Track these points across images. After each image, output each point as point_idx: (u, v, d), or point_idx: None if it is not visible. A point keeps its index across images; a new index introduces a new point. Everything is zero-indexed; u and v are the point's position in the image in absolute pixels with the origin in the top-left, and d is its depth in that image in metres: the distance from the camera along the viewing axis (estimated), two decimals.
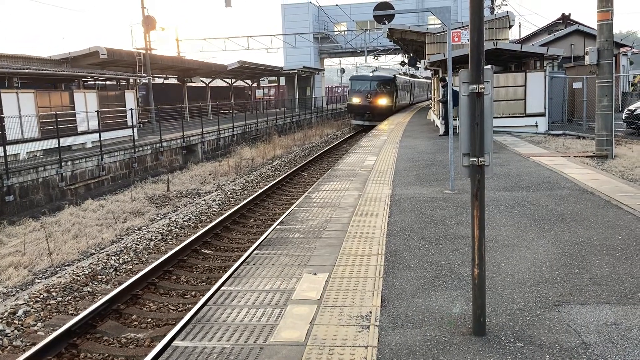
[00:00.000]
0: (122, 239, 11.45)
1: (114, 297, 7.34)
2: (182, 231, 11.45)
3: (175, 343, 4.00)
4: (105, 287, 8.27)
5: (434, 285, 5.04)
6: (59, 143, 15.99)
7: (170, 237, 10.98)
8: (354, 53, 55.55)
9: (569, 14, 33.40)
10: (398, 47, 41.93)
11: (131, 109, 22.99)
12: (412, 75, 56.34)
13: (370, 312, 4.42)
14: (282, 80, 55.07)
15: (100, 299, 7.43)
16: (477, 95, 3.78)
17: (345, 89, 56.32)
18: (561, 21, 33.24)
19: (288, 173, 18.09)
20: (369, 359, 3.64)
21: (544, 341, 3.86)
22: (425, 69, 30.95)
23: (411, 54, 41.52)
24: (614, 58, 14.17)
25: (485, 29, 20.54)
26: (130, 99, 24.23)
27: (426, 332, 4.07)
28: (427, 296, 4.79)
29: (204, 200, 14.91)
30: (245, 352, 3.80)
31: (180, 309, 7.46)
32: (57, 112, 17.17)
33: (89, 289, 8.12)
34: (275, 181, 16.29)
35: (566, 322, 4.17)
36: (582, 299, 4.62)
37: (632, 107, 21.26)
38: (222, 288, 5.11)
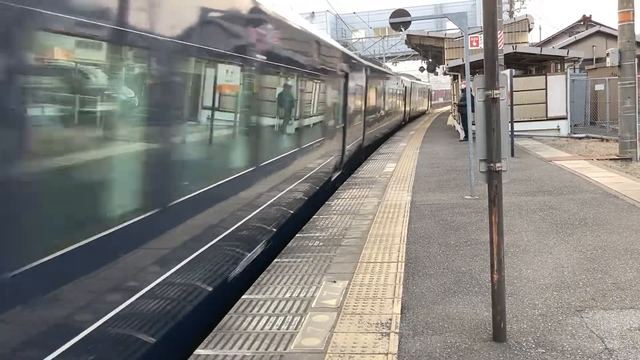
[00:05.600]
0: None
1: None
2: None
3: (197, 351, 4.05)
4: None
5: (454, 292, 5.03)
6: None
7: None
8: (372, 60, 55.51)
9: (590, 15, 33.11)
10: (417, 52, 41.92)
11: None
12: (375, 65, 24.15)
13: (390, 319, 4.42)
14: None
15: None
16: (492, 100, 3.79)
17: None
18: (582, 23, 32.94)
19: None
20: None
21: (566, 347, 3.83)
22: (445, 74, 30.85)
23: (430, 60, 41.44)
24: (636, 59, 13.97)
25: (505, 32, 20.41)
26: None
27: (446, 339, 4.06)
28: (448, 303, 4.77)
29: None
30: None
31: None
32: None
33: None
34: None
35: (589, 327, 4.13)
36: (605, 304, 4.57)
37: None
38: (243, 296, 5.16)
